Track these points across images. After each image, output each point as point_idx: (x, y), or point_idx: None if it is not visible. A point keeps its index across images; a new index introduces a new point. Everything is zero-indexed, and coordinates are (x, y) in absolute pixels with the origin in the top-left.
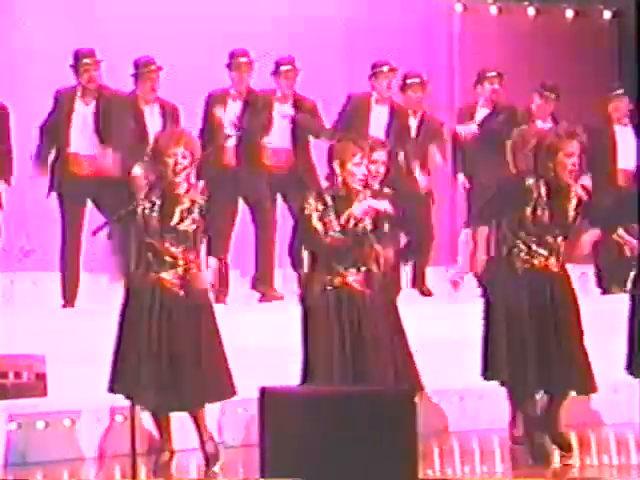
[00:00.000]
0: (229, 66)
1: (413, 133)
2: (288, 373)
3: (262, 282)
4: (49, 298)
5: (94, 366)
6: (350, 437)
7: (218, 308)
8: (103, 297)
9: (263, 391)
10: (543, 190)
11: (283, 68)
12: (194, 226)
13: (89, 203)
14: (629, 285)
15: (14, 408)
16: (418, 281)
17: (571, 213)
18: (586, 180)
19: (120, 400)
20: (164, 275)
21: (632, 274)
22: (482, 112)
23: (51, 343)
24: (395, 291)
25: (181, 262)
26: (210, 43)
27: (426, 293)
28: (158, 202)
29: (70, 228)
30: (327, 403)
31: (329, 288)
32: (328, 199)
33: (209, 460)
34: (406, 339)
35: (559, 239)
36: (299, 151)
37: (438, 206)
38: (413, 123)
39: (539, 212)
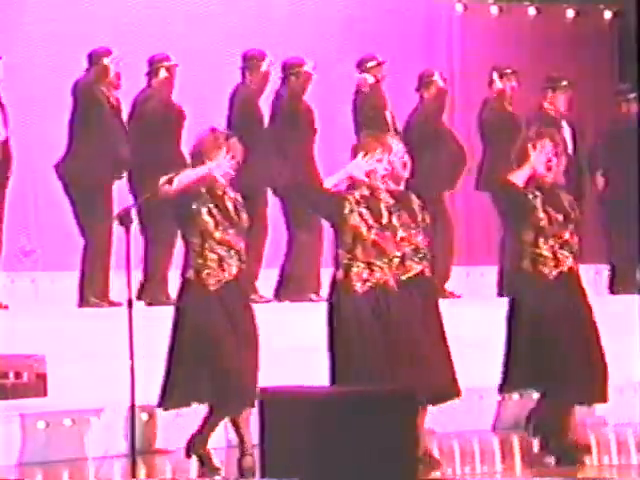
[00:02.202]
0: (244, 69)
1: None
2: (289, 373)
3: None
4: (49, 298)
5: (94, 366)
6: (350, 437)
7: None
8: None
9: (263, 391)
10: (538, 192)
11: (302, 69)
12: (246, 218)
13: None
14: None
15: (14, 408)
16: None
17: (572, 213)
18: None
19: (120, 400)
20: (234, 270)
21: None
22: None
23: (51, 343)
24: (432, 287)
25: (244, 257)
26: (208, 43)
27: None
28: (211, 200)
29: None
30: (327, 403)
31: (370, 285)
32: (358, 198)
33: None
34: (442, 339)
35: (575, 238)
36: None
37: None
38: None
39: (549, 211)
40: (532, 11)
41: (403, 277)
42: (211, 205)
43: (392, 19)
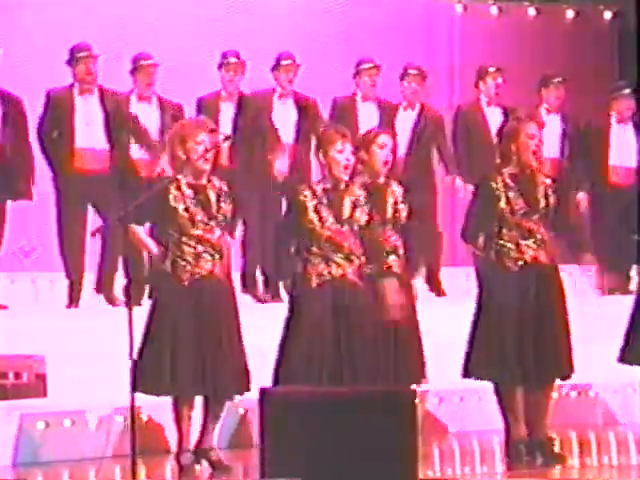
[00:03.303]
0: (220, 67)
1: (411, 125)
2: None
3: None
4: (49, 298)
5: (94, 366)
6: (350, 437)
7: None
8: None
9: (263, 391)
10: (509, 179)
11: (283, 62)
12: (230, 209)
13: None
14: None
15: (14, 409)
16: (433, 281)
17: (542, 201)
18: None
19: (119, 400)
20: (209, 266)
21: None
22: (489, 111)
23: (51, 343)
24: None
25: (224, 250)
26: (205, 42)
27: (440, 293)
28: (191, 193)
29: (75, 226)
30: (327, 403)
31: (326, 279)
32: (319, 191)
33: (214, 467)
34: (409, 333)
35: (542, 229)
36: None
37: (447, 203)
38: (411, 115)
39: (513, 200)
40: (532, 11)
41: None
42: (189, 199)
43: (391, 20)
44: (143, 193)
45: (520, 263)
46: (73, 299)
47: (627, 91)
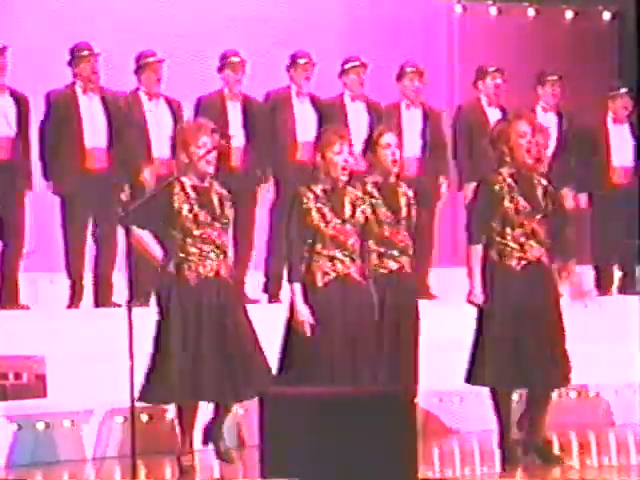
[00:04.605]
0: (221, 68)
1: (420, 125)
2: None
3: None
4: (49, 298)
5: (94, 367)
6: (350, 437)
7: None
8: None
9: (263, 392)
10: (509, 179)
11: (300, 61)
12: (231, 212)
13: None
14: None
15: (14, 409)
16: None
17: (542, 201)
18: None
19: (119, 401)
20: (215, 266)
21: None
22: (490, 111)
23: (51, 344)
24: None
25: (228, 250)
26: (205, 42)
27: (429, 297)
28: (195, 194)
29: (79, 226)
30: (327, 403)
31: (332, 278)
32: (319, 192)
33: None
34: (406, 337)
35: (544, 229)
36: None
37: (446, 203)
38: (415, 113)
39: (517, 200)
40: (531, 12)
41: (380, 271)
42: (194, 201)
43: (391, 20)
44: (146, 193)
45: (523, 263)
46: (74, 300)
47: (623, 90)
